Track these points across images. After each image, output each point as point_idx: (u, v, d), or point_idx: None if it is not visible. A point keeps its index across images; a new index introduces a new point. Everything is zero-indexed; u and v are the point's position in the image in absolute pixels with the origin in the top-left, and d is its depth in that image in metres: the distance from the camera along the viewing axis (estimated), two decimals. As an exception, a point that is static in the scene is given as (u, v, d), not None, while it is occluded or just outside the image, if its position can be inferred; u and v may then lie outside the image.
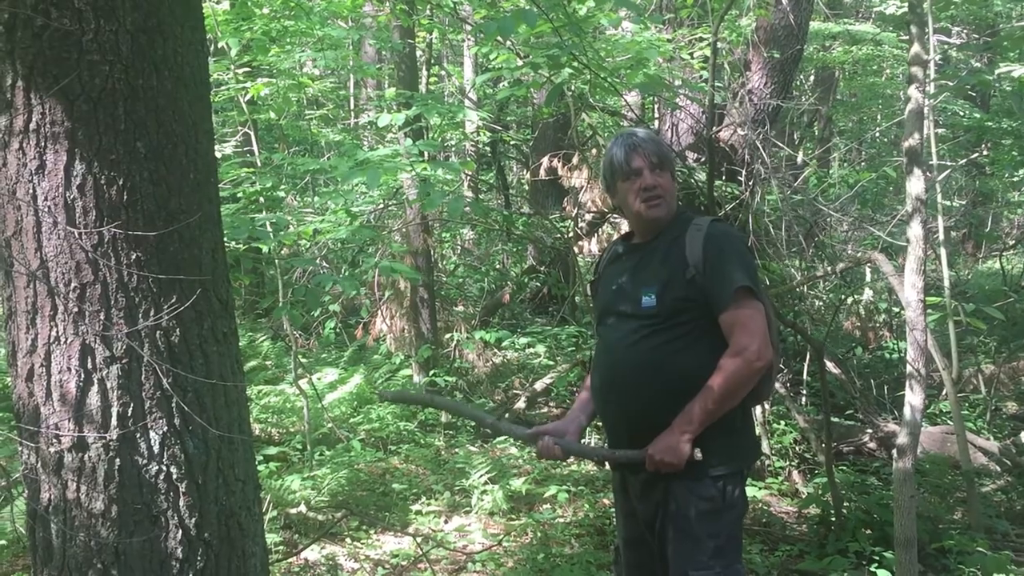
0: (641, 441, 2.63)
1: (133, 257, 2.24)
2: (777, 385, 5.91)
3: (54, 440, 2.26)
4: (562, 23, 4.37)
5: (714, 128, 6.29)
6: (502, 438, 6.33)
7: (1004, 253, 11.14)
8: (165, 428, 2.31)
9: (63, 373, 2.24)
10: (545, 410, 7.24)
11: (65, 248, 2.20)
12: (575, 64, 4.70)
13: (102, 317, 2.23)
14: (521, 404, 6.99)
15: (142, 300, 2.26)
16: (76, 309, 2.21)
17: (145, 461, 2.29)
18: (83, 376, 2.23)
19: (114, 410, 2.25)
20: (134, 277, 2.24)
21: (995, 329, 8.05)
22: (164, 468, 2.31)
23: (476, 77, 9.02)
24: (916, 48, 3.75)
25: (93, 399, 2.24)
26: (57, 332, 2.23)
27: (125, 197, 2.23)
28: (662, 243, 2.69)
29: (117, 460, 2.26)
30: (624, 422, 2.70)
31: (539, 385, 7.19)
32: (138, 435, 2.28)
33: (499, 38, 4.95)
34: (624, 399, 2.68)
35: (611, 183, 2.79)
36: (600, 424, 3.18)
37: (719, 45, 6.38)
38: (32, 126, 2.17)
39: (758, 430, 5.76)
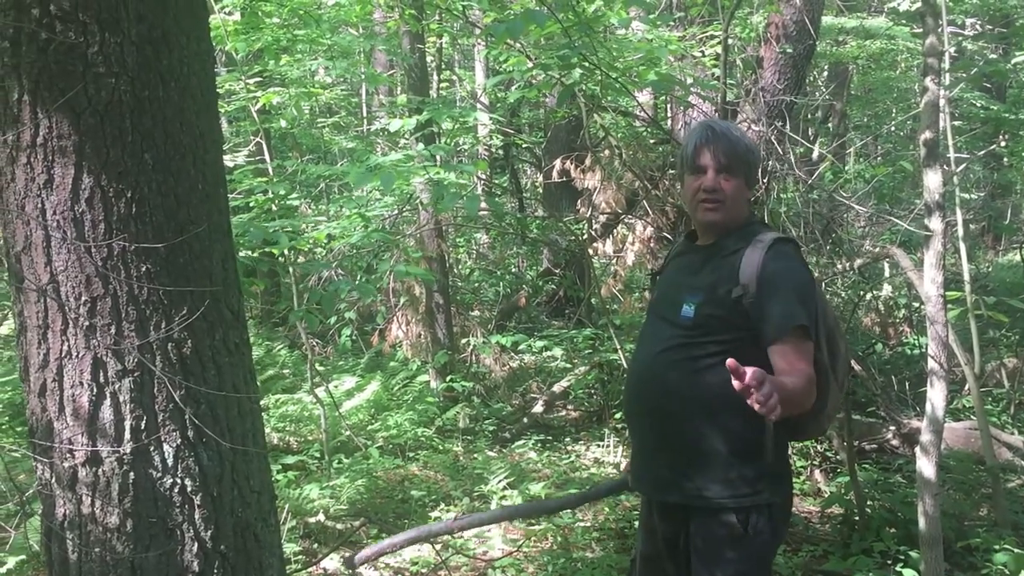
0: (657, 452, 2.57)
1: (143, 269, 2.23)
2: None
3: (68, 455, 2.25)
4: (572, 23, 4.35)
5: (727, 126, 6.24)
6: (520, 443, 6.31)
7: (1024, 245, 11.03)
8: (179, 441, 2.30)
9: (75, 387, 2.23)
10: (563, 413, 7.21)
11: (75, 262, 2.19)
12: (586, 64, 4.68)
13: (113, 331, 2.22)
14: (539, 408, 6.96)
15: (153, 312, 2.25)
16: (87, 323, 2.20)
17: (159, 474, 2.28)
18: (95, 390, 2.23)
19: (127, 423, 2.24)
20: (144, 290, 2.23)
21: (1017, 322, 7.95)
22: (179, 481, 2.30)
23: (487, 81, 9.01)
24: (931, 39, 3.70)
25: (106, 413, 2.23)
26: (68, 346, 2.22)
27: (134, 209, 2.22)
28: (720, 251, 2.53)
29: (131, 474, 2.25)
30: (647, 430, 2.62)
31: (557, 388, 7.16)
32: (152, 448, 2.27)
33: (509, 40, 4.93)
34: (648, 407, 2.59)
35: (680, 174, 2.66)
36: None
37: (730, 42, 6.34)
38: (39, 140, 2.17)
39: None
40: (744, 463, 2.45)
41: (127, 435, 2.24)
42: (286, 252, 5.08)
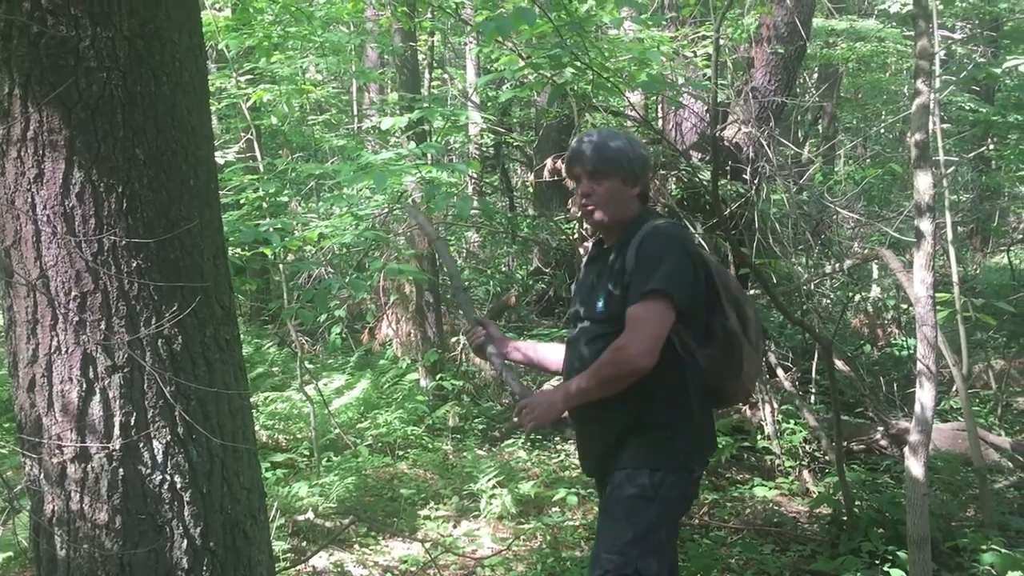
0: (586, 434, 2.81)
1: (134, 265, 2.22)
2: (786, 384, 5.87)
3: (57, 451, 2.24)
4: (563, 22, 4.35)
5: (718, 126, 6.26)
6: (510, 442, 6.30)
7: (1012, 248, 11.09)
8: (168, 437, 2.29)
9: (65, 383, 2.22)
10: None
11: (65, 257, 2.18)
12: (577, 64, 4.68)
13: (103, 326, 2.21)
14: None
15: (143, 308, 2.24)
16: (77, 318, 2.19)
17: (149, 471, 2.27)
18: (85, 386, 2.22)
19: (116, 420, 2.23)
20: (135, 285, 2.22)
21: (1004, 324, 7.99)
22: (168, 478, 2.29)
23: (479, 79, 9.00)
24: (923, 42, 3.71)
25: (95, 409, 2.23)
26: (58, 342, 2.21)
27: (125, 204, 2.21)
28: (618, 247, 2.73)
29: (120, 470, 2.25)
30: (577, 421, 2.82)
31: (546, 387, 7.16)
32: (141, 445, 2.26)
33: (500, 39, 4.93)
34: None
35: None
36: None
37: (722, 42, 6.35)
38: (30, 134, 2.16)
39: (768, 430, 5.72)
40: (655, 433, 2.62)
41: (116, 431, 2.23)
42: (276, 251, 5.06)
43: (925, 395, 3.59)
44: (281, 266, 5.83)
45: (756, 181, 6.32)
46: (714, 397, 2.77)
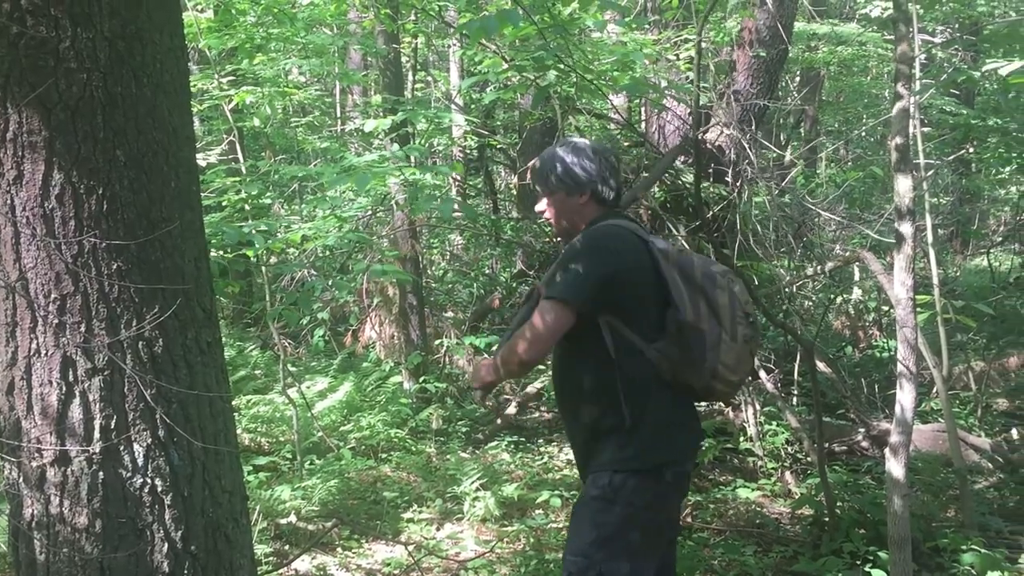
0: (571, 437, 2.86)
1: (114, 267, 2.21)
2: (768, 386, 5.89)
3: (36, 454, 2.23)
4: (547, 25, 4.36)
5: (700, 129, 6.28)
6: (494, 444, 6.30)
7: (991, 250, 11.18)
8: (149, 440, 2.28)
9: (44, 386, 2.21)
10: (536, 415, 7.21)
11: (44, 259, 2.17)
12: (561, 66, 4.69)
13: (83, 328, 2.19)
14: (512, 409, 6.96)
15: (124, 311, 2.23)
16: (56, 321, 2.18)
17: (129, 474, 2.26)
18: (64, 389, 2.20)
19: (97, 423, 2.22)
20: (115, 287, 2.21)
21: (984, 326, 8.05)
22: (149, 481, 2.28)
23: (462, 82, 9.00)
24: (903, 46, 3.74)
25: (75, 412, 2.21)
26: (37, 344, 2.20)
27: (105, 206, 2.19)
28: None
29: (100, 474, 2.23)
30: (563, 421, 2.90)
31: (530, 389, 7.16)
32: (122, 448, 2.25)
33: (484, 41, 4.93)
34: (557, 401, 2.91)
35: None
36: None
37: (704, 46, 6.38)
38: (9, 136, 2.14)
39: (750, 431, 5.74)
40: (613, 435, 2.62)
41: (96, 434, 2.22)
42: (259, 253, 5.04)
43: (905, 397, 3.61)
44: (264, 268, 5.81)
45: (738, 184, 6.35)
46: (684, 392, 2.68)
